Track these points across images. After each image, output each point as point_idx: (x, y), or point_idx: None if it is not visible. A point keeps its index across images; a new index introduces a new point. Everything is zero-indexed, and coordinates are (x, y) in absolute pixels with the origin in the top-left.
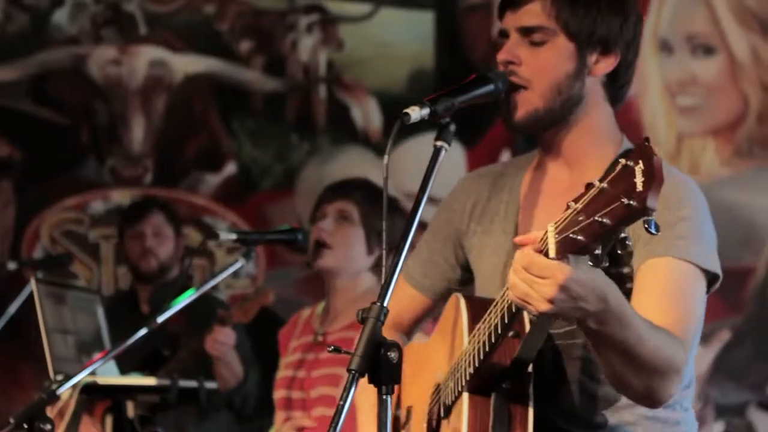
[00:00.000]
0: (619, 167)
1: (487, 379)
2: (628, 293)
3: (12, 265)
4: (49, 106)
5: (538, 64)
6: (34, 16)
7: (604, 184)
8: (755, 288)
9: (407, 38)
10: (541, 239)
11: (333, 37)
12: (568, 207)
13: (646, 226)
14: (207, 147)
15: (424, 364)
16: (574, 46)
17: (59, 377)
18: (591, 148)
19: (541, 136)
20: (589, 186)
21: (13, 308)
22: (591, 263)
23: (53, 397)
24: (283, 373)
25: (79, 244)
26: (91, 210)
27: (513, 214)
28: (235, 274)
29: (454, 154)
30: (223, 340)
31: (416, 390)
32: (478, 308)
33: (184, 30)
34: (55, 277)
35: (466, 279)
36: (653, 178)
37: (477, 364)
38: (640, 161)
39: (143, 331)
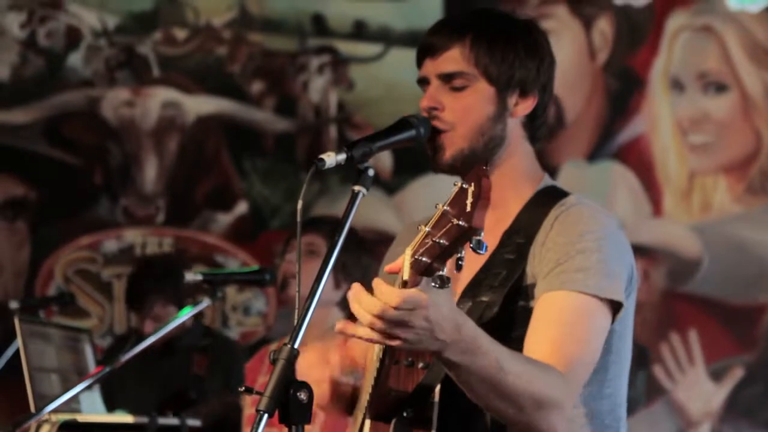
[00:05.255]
0: (456, 190)
1: (388, 407)
2: None
3: (14, 305)
4: (64, 148)
5: (460, 109)
6: (50, 60)
7: (446, 207)
8: None
9: None
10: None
11: (344, 78)
12: (419, 230)
13: (472, 246)
14: (218, 187)
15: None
16: (494, 89)
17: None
18: (510, 188)
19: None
20: (436, 209)
21: (15, 346)
22: (436, 285)
23: None
24: (250, 410)
25: (93, 283)
26: (105, 249)
27: None
28: (247, 312)
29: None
30: None
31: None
32: None
33: (196, 72)
34: (55, 317)
35: None
36: (479, 198)
37: (370, 390)
38: (472, 183)
39: (106, 370)
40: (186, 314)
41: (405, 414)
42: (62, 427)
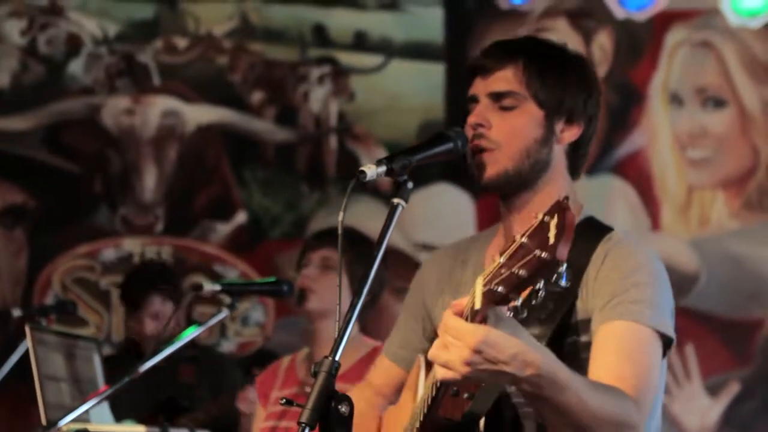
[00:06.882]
0: (536, 222)
1: None
2: (584, 363)
3: (17, 312)
4: (63, 155)
5: (508, 129)
6: (50, 67)
7: (524, 239)
8: (764, 340)
9: (418, 90)
10: (471, 293)
11: (344, 89)
12: (493, 260)
13: (555, 278)
14: (218, 196)
15: (394, 426)
16: (543, 113)
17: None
18: None
19: (508, 198)
20: (513, 240)
21: (18, 353)
22: (511, 314)
23: None
24: (264, 424)
25: (90, 291)
26: (103, 258)
27: None
28: (245, 323)
29: (463, 205)
30: (252, 398)
31: None
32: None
33: (196, 81)
34: (54, 325)
35: None
36: (563, 231)
37: (422, 419)
38: (555, 216)
39: (126, 380)
40: (207, 324)
41: None
42: None
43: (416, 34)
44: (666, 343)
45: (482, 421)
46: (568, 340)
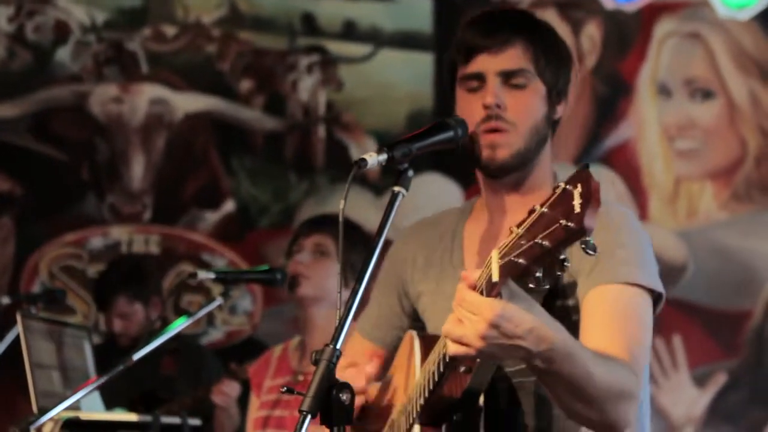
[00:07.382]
0: (558, 191)
1: (438, 411)
2: (574, 325)
3: (6, 300)
4: (51, 143)
5: (522, 108)
6: (38, 54)
7: (544, 209)
8: (752, 331)
9: (406, 79)
10: (485, 266)
11: (333, 78)
12: (511, 231)
13: (583, 246)
14: (206, 185)
15: (380, 403)
16: (546, 90)
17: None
18: (543, 188)
19: (506, 177)
20: (531, 211)
21: (7, 341)
22: (532, 285)
23: None
24: (257, 413)
25: (78, 280)
26: (90, 246)
27: (459, 259)
28: (233, 311)
29: (452, 195)
30: (227, 392)
31: (373, 429)
32: (430, 344)
33: (185, 69)
34: (42, 313)
35: (415, 327)
36: (590, 199)
37: (427, 395)
38: (579, 185)
39: (119, 368)
40: (200, 313)
41: (455, 418)
42: (65, 425)
43: (405, 24)
44: (656, 297)
45: (482, 397)
46: (557, 305)
